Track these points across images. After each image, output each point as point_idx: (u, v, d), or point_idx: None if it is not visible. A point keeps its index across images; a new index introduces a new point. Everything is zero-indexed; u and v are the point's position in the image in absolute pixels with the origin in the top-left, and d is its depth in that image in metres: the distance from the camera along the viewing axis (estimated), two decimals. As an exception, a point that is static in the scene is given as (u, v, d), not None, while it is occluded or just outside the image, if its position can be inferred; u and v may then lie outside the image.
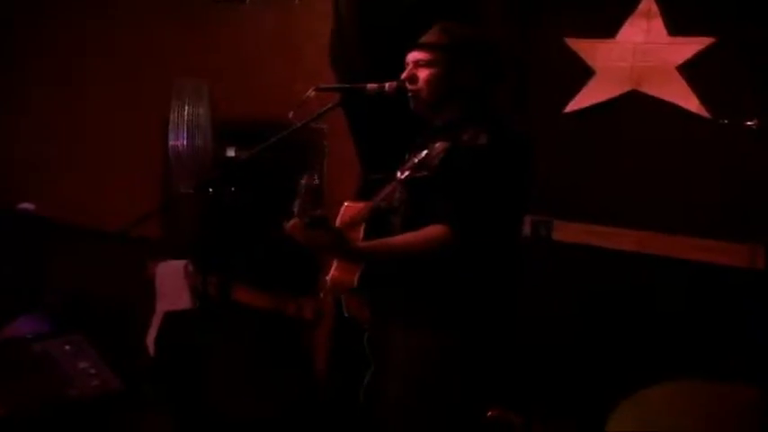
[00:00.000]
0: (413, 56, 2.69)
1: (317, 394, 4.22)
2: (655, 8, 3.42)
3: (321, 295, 4.10)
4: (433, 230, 2.47)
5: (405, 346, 2.66)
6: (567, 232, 3.72)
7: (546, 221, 3.75)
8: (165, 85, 4.23)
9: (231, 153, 4.19)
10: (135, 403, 4.07)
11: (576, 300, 3.67)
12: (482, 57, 2.70)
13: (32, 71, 5.51)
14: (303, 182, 2.38)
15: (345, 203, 2.84)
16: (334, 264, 2.70)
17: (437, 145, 2.50)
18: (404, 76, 2.69)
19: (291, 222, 2.45)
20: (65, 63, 5.37)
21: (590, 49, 3.59)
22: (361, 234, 2.65)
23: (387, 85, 2.71)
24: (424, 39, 2.70)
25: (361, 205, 2.75)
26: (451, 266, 2.54)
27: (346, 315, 2.81)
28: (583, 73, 3.61)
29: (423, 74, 2.65)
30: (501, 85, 3.32)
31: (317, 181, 2.39)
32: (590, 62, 3.59)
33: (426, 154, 2.48)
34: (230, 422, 3.89)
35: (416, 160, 2.50)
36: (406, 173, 2.53)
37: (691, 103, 3.36)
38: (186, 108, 4.00)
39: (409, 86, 2.66)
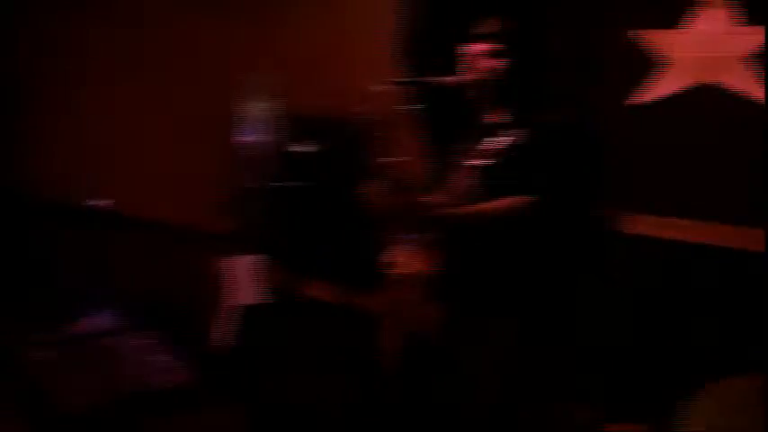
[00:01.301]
0: (477, 47, 2.73)
1: (385, 391, 4.24)
2: (720, -3, 3.40)
3: (389, 289, 4.12)
4: (515, 198, 2.55)
5: (475, 337, 2.69)
6: (638, 225, 3.69)
7: (614, 215, 3.72)
8: (232, 81, 4.29)
9: (297, 147, 4.24)
10: (207, 397, 4.14)
11: (648, 295, 3.64)
12: (542, 46, 2.74)
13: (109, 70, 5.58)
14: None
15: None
16: (402, 255, 2.74)
17: (510, 132, 2.55)
18: (470, 66, 2.72)
19: (373, 188, 2.51)
20: (131, 61, 5.40)
21: (655, 41, 3.56)
22: None
23: (465, 77, 2.74)
24: (487, 30, 2.73)
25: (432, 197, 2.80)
26: (522, 254, 2.58)
27: (416, 330, 2.84)
28: (648, 65, 3.58)
29: (489, 63, 2.68)
30: (566, 79, 3.33)
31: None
32: (655, 53, 3.57)
33: (499, 141, 2.54)
34: (301, 416, 3.93)
35: (489, 147, 2.55)
36: (481, 160, 2.58)
37: (760, 93, 3.31)
38: (252, 103, 4.06)
39: (476, 77, 2.70)
